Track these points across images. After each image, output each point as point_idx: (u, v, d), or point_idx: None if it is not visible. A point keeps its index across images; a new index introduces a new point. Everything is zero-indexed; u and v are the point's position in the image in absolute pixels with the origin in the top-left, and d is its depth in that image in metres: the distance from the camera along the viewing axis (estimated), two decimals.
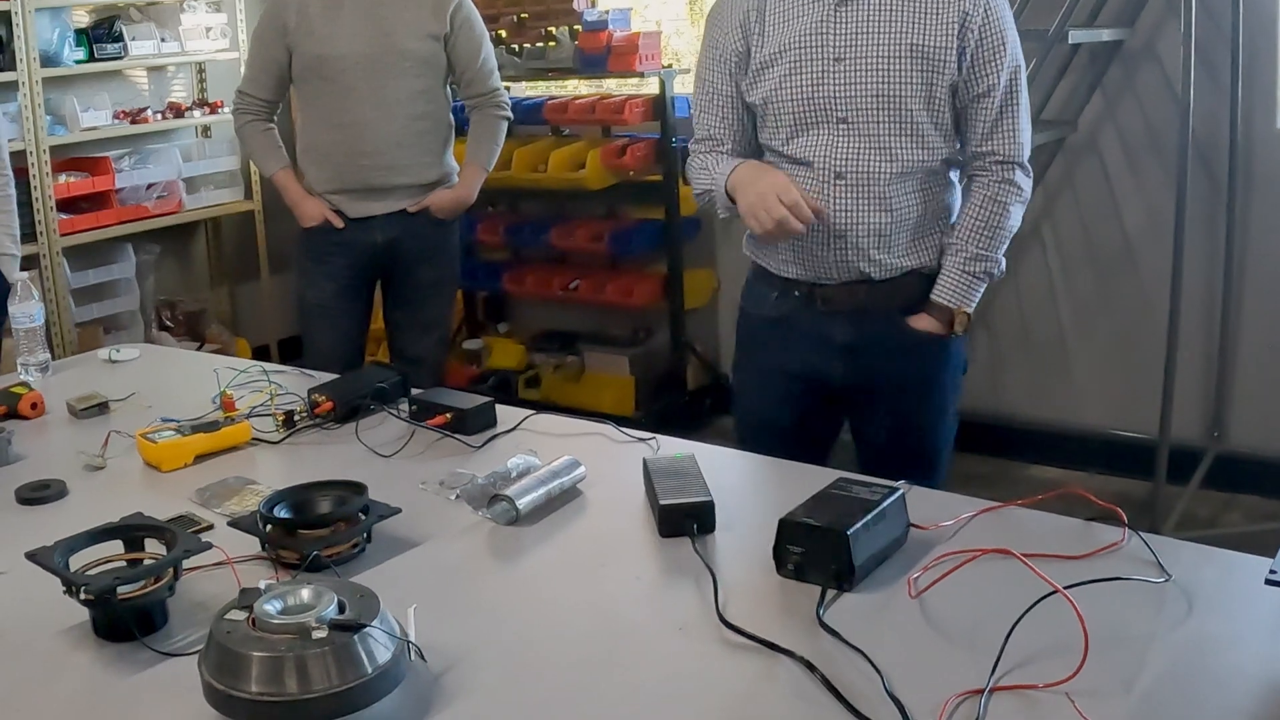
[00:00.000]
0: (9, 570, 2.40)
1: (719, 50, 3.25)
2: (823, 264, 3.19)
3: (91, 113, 6.74)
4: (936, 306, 3.21)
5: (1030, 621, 1.91)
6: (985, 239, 3.18)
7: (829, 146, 3.11)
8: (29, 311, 3.66)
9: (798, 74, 3.11)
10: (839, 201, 3.12)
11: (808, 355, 3.27)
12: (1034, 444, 6.06)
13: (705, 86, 3.31)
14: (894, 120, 3.08)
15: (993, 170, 3.16)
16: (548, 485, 2.58)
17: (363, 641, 1.81)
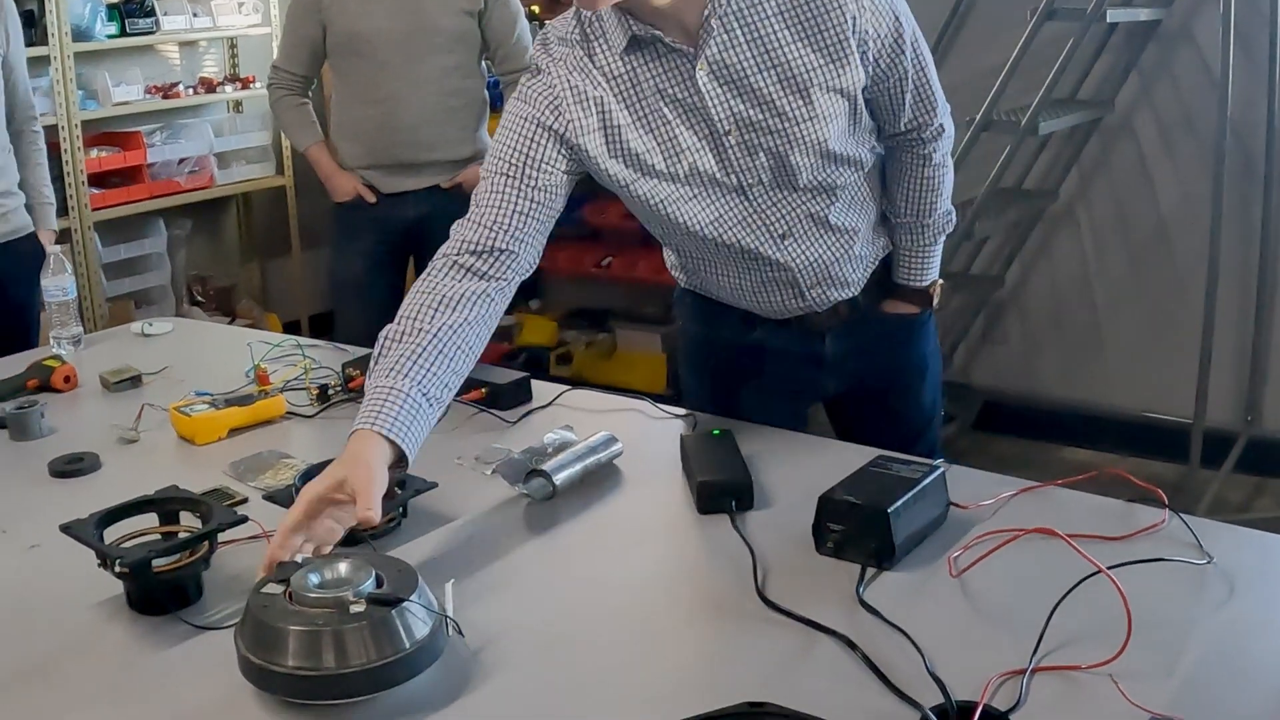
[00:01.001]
0: (42, 543, 2.40)
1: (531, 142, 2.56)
2: (794, 310, 2.86)
3: (123, 87, 6.74)
4: (909, 289, 2.96)
5: (1071, 602, 1.90)
6: (932, 205, 2.86)
7: (757, 215, 2.65)
8: (61, 285, 3.65)
9: (686, 163, 2.57)
10: (797, 257, 2.71)
11: (793, 375, 2.97)
12: (1066, 426, 6.04)
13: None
14: (818, 159, 2.60)
15: (921, 139, 2.77)
16: (584, 461, 2.57)
17: (400, 616, 1.80)
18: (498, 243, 2.49)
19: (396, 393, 2.28)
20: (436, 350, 2.35)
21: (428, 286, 2.45)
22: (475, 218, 2.53)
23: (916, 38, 2.66)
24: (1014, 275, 6.12)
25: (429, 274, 2.48)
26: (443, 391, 2.35)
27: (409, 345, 2.35)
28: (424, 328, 2.37)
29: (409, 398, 2.28)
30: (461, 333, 2.39)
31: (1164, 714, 1.66)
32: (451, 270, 2.48)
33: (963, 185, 5.32)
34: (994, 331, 6.27)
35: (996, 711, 1.70)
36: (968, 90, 5.52)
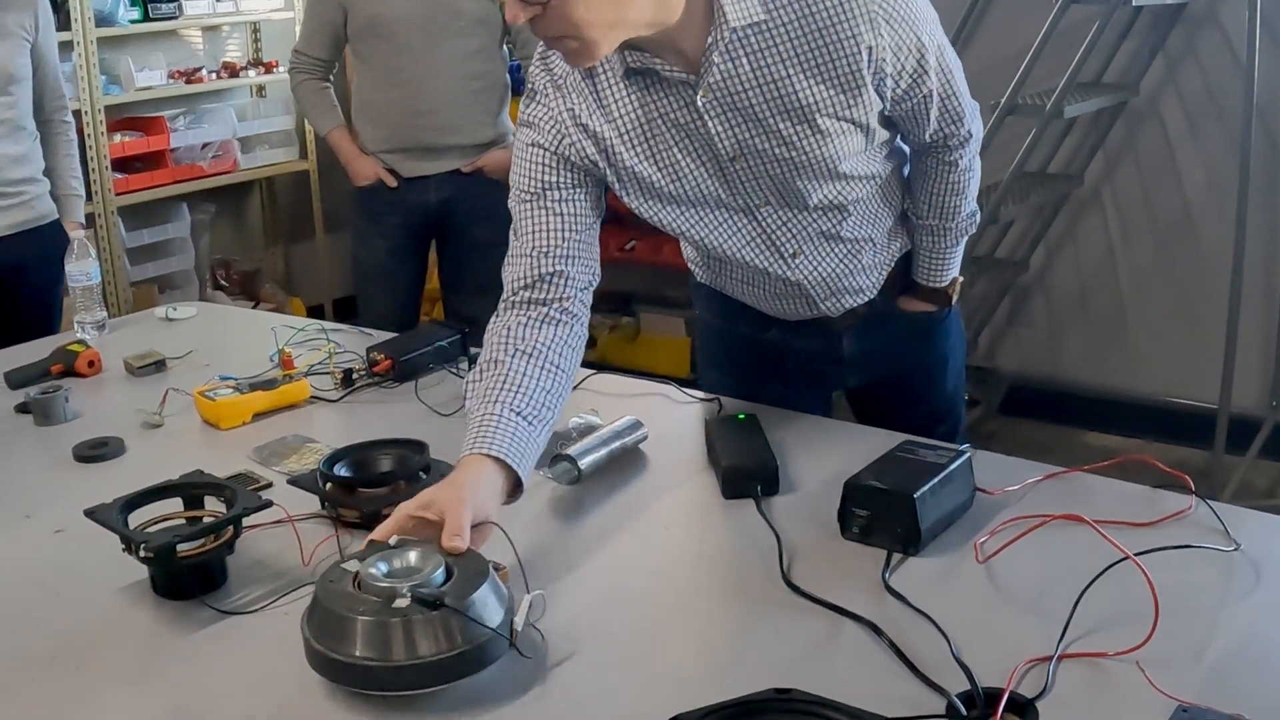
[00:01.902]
0: (67, 528, 2.40)
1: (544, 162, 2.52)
2: (807, 315, 2.82)
3: (146, 72, 6.74)
4: (928, 289, 2.88)
5: (1097, 588, 1.89)
6: (957, 207, 2.76)
7: (765, 235, 2.60)
8: (85, 270, 3.66)
9: (692, 188, 2.52)
10: (809, 273, 2.67)
11: (813, 371, 2.95)
12: (1091, 411, 6.02)
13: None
14: (829, 181, 2.52)
15: (948, 146, 2.65)
16: (610, 445, 2.57)
17: (445, 617, 1.78)
18: (544, 269, 2.46)
19: (490, 417, 2.26)
20: (521, 372, 2.34)
21: (499, 329, 2.43)
22: (516, 251, 2.50)
23: (941, 52, 2.51)
24: (1039, 259, 6.10)
25: (495, 322, 2.46)
26: (540, 410, 2.31)
27: (491, 378, 2.34)
28: (500, 359, 2.36)
29: (502, 419, 2.25)
30: (547, 354, 2.38)
31: (1191, 701, 1.65)
32: (512, 312, 2.45)
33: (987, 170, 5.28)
34: (1019, 316, 6.26)
35: (1023, 698, 1.69)
36: (993, 74, 5.51)
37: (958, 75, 2.56)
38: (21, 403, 3.07)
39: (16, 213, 4.40)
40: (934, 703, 1.71)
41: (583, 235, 2.52)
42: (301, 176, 7.58)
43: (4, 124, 4.34)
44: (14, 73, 4.32)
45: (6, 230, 4.39)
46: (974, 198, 2.80)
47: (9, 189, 4.38)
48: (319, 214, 7.59)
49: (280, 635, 2.01)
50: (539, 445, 2.30)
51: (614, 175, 2.51)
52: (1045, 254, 6.09)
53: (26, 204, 4.42)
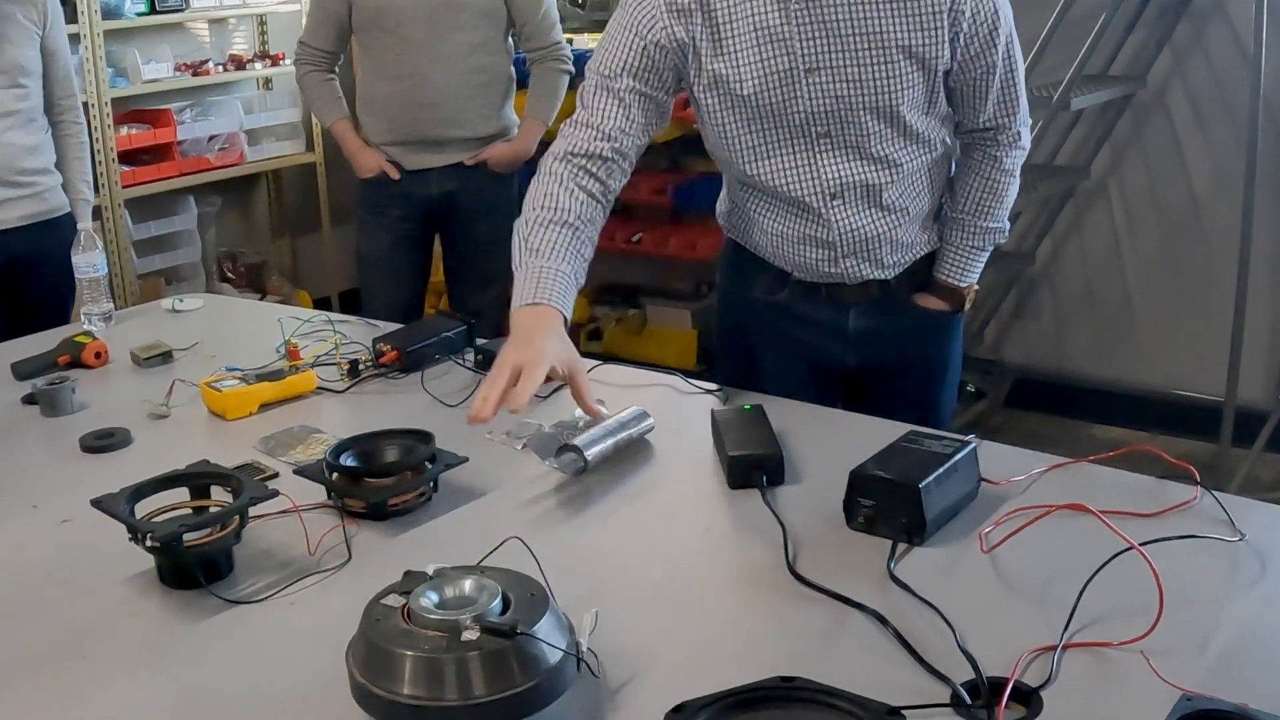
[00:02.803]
0: (73, 518, 2.41)
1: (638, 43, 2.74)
2: (827, 274, 2.92)
3: (153, 65, 6.75)
4: (945, 287, 2.99)
5: (1102, 579, 1.89)
6: (991, 210, 2.92)
7: (814, 167, 2.77)
8: (92, 261, 3.66)
9: (764, 92, 2.70)
10: (840, 222, 2.81)
11: (817, 343, 3.03)
12: (1097, 403, 6.02)
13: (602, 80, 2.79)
14: (888, 126, 2.72)
15: (997, 141, 2.86)
16: (616, 436, 2.57)
17: (520, 648, 1.67)
18: (601, 150, 2.74)
19: (561, 274, 2.61)
20: (579, 238, 2.69)
21: (560, 180, 2.73)
22: (581, 120, 2.78)
23: (1012, 38, 2.74)
24: (1045, 252, 6.10)
25: (556, 167, 2.75)
26: (580, 276, 2.67)
27: (558, 234, 2.67)
28: (568, 220, 2.69)
29: (568, 278, 2.62)
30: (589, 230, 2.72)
31: (1196, 691, 1.65)
32: (569, 167, 2.74)
33: None
34: (1025, 308, 6.26)
35: (1027, 688, 1.70)
36: None
37: (1020, 69, 2.80)
38: (28, 394, 3.07)
39: (29, 204, 4.44)
40: (939, 692, 1.71)
41: (636, 136, 2.78)
42: (308, 169, 7.58)
43: (17, 115, 4.37)
44: (24, 65, 4.34)
45: (20, 221, 4.42)
46: (1009, 209, 2.96)
47: (22, 179, 4.41)
48: (325, 206, 7.59)
49: (286, 624, 2.02)
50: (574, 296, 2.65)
51: (695, 67, 2.73)
52: (1051, 246, 6.09)
53: (39, 196, 4.46)
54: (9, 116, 4.37)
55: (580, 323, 7.10)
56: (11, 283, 4.49)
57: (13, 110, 4.37)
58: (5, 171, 4.40)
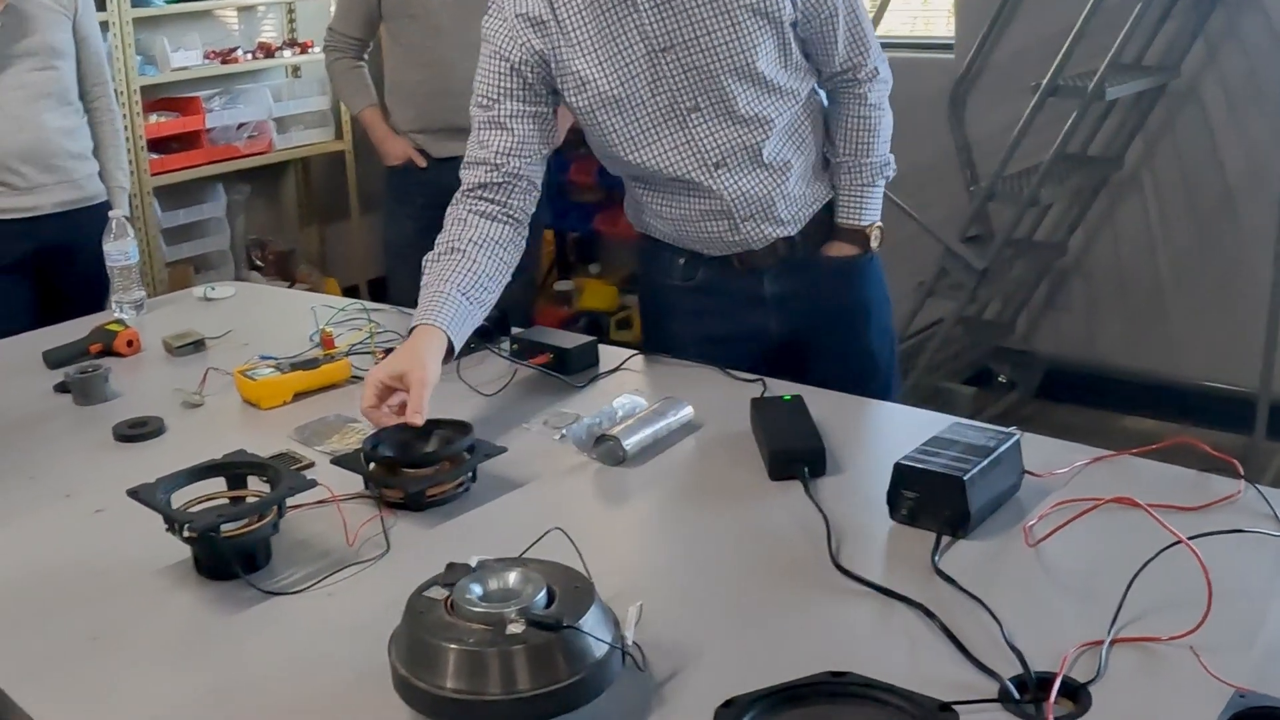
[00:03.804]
0: (107, 508, 2.40)
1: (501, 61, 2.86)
2: (734, 244, 3.01)
3: (182, 53, 6.74)
4: (847, 230, 3.07)
5: (1149, 573, 1.87)
6: (870, 145, 3.03)
7: (692, 143, 2.87)
8: (124, 249, 3.66)
9: (626, 80, 2.82)
10: (729, 189, 2.91)
11: (736, 316, 3.09)
12: (1129, 395, 5.99)
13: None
14: (751, 85, 2.82)
15: (857, 79, 2.97)
16: (654, 426, 2.56)
17: (566, 641, 1.65)
18: (495, 178, 2.87)
19: (441, 294, 2.74)
20: (472, 259, 2.81)
21: (458, 215, 2.89)
22: (471, 156, 2.92)
23: None
24: (1078, 242, 6.07)
25: (454, 208, 2.90)
26: (481, 293, 2.80)
27: (447, 260, 2.82)
28: (457, 246, 2.83)
29: (450, 297, 2.73)
30: (494, 248, 2.86)
31: (1245, 687, 1.64)
32: (468, 202, 2.89)
33: (1027, 151, 5.32)
34: (1057, 299, 6.23)
35: (1076, 683, 1.68)
36: (1033, 55, 5.51)
37: (862, 8, 2.94)
38: (60, 382, 3.07)
39: (66, 190, 4.44)
40: (986, 687, 1.70)
41: (527, 155, 2.89)
42: (337, 157, 7.57)
43: (50, 97, 4.38)
44: (56, 46, 4.35)
45: (56, 208, 4.42)
46: (887, 141, 3.08)
47: (58, 162, 4.41)
48: (354, 194, 7.58)
49: (324, 616, 2.02)
50: (475, 321, 2.81)
51: (558, 73, 2.83)
52: (1084, 237, 6.06)
53: (75, 183, 4.47)
54: (44, 98, 4.38)
55: (609, 311, 7.09)
56: (47, 270, 4.49)
57: (47, 92, 4.38)
58: (43, 155, 4.39)
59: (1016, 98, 5.44)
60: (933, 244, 5.57)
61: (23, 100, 4.32)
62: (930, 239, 5.57)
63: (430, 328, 2.67)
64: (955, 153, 6.14)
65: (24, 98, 4.32)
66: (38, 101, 4.35)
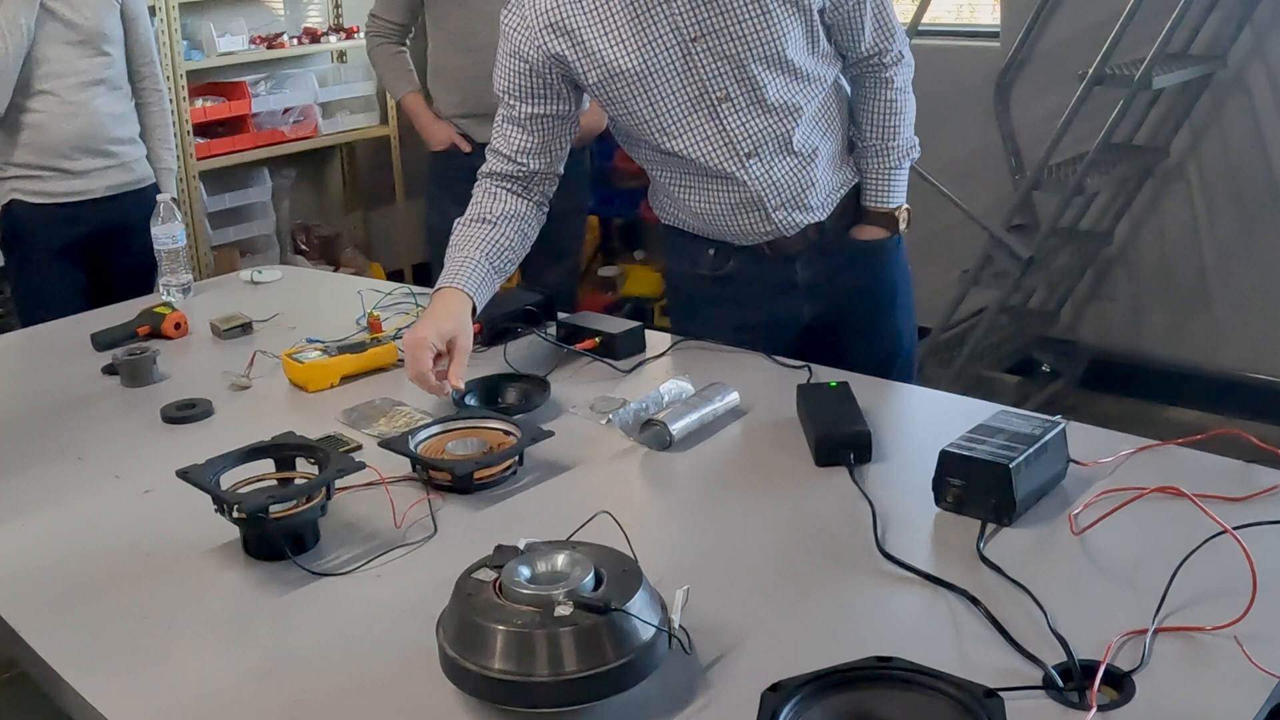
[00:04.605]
0: (155, 489, 2.42)
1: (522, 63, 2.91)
2: (765, 232, 3.00)
3: (228, 38, 6.76)
4: (876, 213, 3.08)
5: (1193, 562, 1.87)
6: (896, 128, 3.04)
7: (723, 133, 2.85)
8: (171, 233, 3.68)
9: (657, 71, 2.80)
10: (760, 179, 2.90)
11: (769, 303, 3.09)
12: (1173, 385, 5.96)
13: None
14: (780, 74, 2.82)
15: (883, 64, 2.98)
16: (700, 411, 2.56)
17: (613, 624, 1.67)
18: (515, 171, 2.97)
19: (470, 260, 2.88)
20: (500, 230, 2.94)
21: (485, 189, 3.02)
22: (494, 147, 3.01)
23: None
24: (1123, 232, 6.05)
25: (480, 184, 3.03)
26: (504, 263, 2.94)
27: (475, 227, 2.96)
28: (486, 216, 2.96)
29: (479, 264, 2.88)
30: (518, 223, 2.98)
31: None
32: (492, 180, 3.01)
33: (1073, 140, 5.30)
34: (1102, 288, 6.21)
35: (1120, 671, 1.68)
36: (1080, 44, 5.49)
37: None
38: (109, 364, 3.09)
39: (116, 174, 4.50)
40: (1031, 674, 1.70)
41: (542, 154, 2.97)
42: (382, 142, 7.58)
43: (103, 83, 4.42)
44: (107, 32, 4.39)
45: (107, 191, 4.48)
46: (911, 124, 3.07)
47: (110, 147, 4.46)
48: (399, 179, 7.59)
49: (371, 597, 2.03)
50: (493, 289, 2.93)
51: (582, 68, 2.83)
52: (1129, 227, 6.04)
53: (125, 166, 4.52)
54: (96, 85, 4.42)
55: (654, 297, 7.09)
56: (99, 253, 4.54)
57: (99, 78, 4.42)
58: (95, 140, 4.44)
59: (1062, 86, 5.42)
60: (977, 232, 5.56)
61: (74, 87, 4.36)
62: (975, 227, 5.55)
63: (459, 292, 2.81)
64: (1000, 141, 6.13)
65: (75, 84, 4.36)
66: (89, 88, 4.39)
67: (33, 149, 4.40)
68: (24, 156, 4.41)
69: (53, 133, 4.38)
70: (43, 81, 4.33)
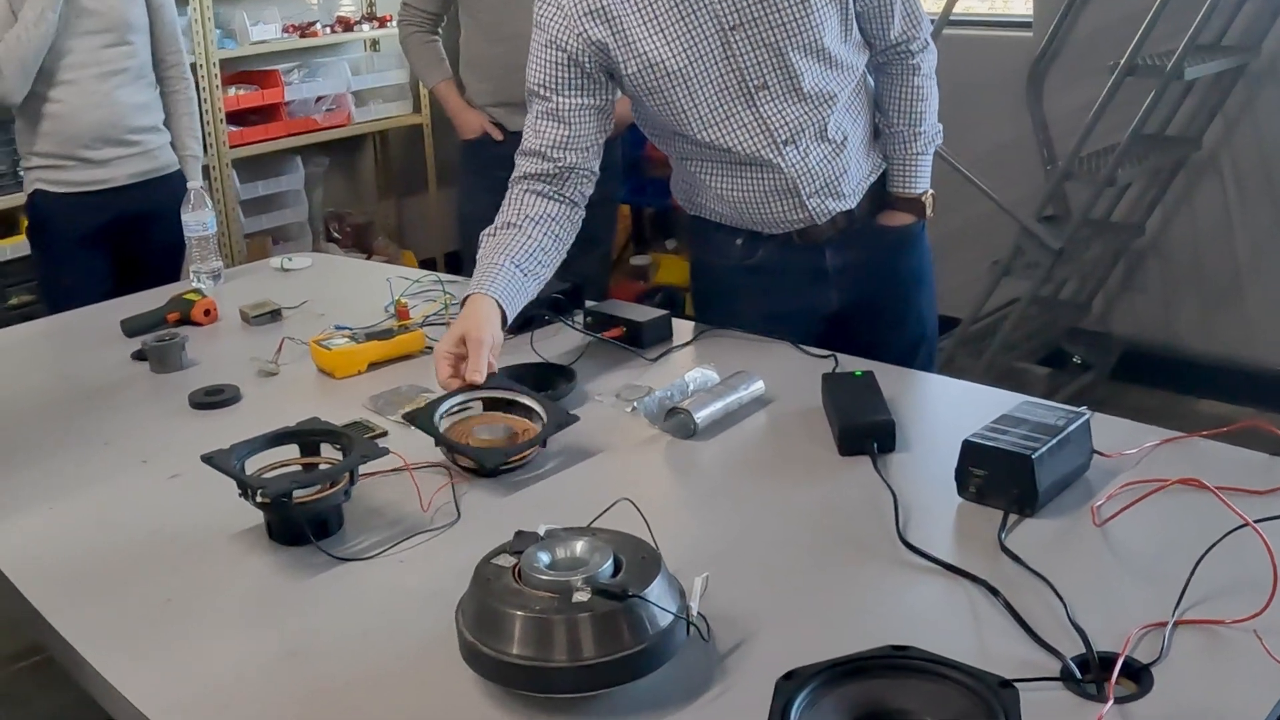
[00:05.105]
0: (182, 473, 2.44)
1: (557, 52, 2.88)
2: (797, 220, 3.01)
3: (261, 26, 6.78)
4: (904, 199, 3.10)
5: (1215, 555, 1.87)
6: (922, 114, 3.06)
7: (760, 121, 2.86)
8: (201, 220, 3.71)
9: (696, 60, 2.79)
10: (796, 165, 2.91)
11: (798, 291, 3.09)
12: (1204, 378, 5.94)
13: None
14: (817, 62, 2.83)
15: (910, 51, 3.00)
16: (725, 400, 2.57)
17: (631, 610, 1.68)
18: (549, 169, 2.90)
19: (494, 265, 2.78)
20: (526, 234, 2.85)
21: (515, 198, 2.92)
22: (527, 145, 2.94)
23: None
24: (1155, 223, 6.02)
25: (511, 192, 2.94)
26: (535, 266, 2.83)
27: (502, 233, 2.86)
28: (512, 221, 2.87)
29: (503, 268, 2.77)
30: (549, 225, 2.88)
31: None
32: (524, 185, 2.92)
33: (1105, 131, 5.28)
34: (1133, 280, 6.19)
35: (1138, 664, 1.68)
36: (1112, 34, 5.46)
37: None
38: (138, 350, 3.11)
39: (139, 161, 4.51)
40: (1049, 665, 1.70)
41: (584, 147, 2.92)
42: (415, 130, 7.59)
43: (126, 73, 4.43)
44: (131, 21, 4.40)
45: (130, 179, 4.49)
46: (935, 110, 3.10)
47: (132, 136, 4.48)
48: (432, 168, 7.60)
49: (393, 582, 2.04)
50: (528, 294, 2.83)
51: (621, 56, 2.81)
52: (1161, 218, 6.02)
53: (148, 154, 4.53)
54: (119, 75, 4.43)
55: (685, 287, 7.07)
56: (124, 240, 4.56)
57: (122, 68, 4.43)
58: (117, 130, 4.46)
59: (1094, 77, 5.40)
60: (1009, 223, 5.54)
61: (97, 77, 4.38)
62: (1006, 218, 5.54)
63: (482, 296, 2.72)
64: (1032, 131, 6.11)
65: (98, 74, 4.38)
66: (112, 78, 4.41)
67: (55, 139, 4.42)
68: (46, 146, 4.44)
69: (74, 123, 4.40)
70: (65, 72, 4.35)
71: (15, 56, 4.22)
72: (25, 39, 4.19)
